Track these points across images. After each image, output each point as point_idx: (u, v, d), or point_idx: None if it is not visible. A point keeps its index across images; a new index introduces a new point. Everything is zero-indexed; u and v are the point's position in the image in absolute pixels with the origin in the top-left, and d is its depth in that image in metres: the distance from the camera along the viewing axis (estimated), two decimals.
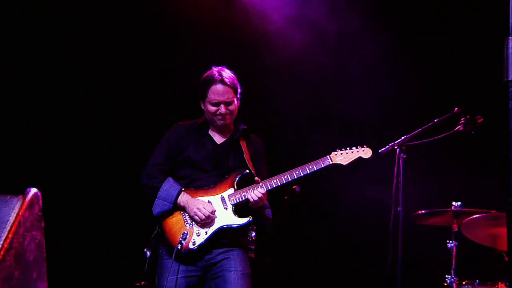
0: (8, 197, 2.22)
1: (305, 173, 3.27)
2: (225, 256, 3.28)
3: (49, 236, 2.27)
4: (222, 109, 3.32)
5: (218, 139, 3.44)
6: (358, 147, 3.32)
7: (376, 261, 4.07)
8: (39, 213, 2.26)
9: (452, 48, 4.68)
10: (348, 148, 3.32)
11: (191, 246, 3.21)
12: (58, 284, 2.71)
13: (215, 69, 3.37)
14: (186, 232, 3.22)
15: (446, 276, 3.77)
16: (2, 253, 2.11)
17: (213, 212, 3.24)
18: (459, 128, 3.54)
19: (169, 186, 3.30)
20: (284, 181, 3.30)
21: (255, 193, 3.25)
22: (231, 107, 3.34)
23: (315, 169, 3.27)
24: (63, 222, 4.59)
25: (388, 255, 3.45)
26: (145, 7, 4.91)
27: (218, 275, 3.25)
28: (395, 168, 3.50)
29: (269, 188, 3.29)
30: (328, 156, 3.31)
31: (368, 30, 4.74)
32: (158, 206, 3.30)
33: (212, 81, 3.32)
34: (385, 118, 4.79)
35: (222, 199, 3.30)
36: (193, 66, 3.95)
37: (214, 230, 3.25)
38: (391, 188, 3.50)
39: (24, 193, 2.21)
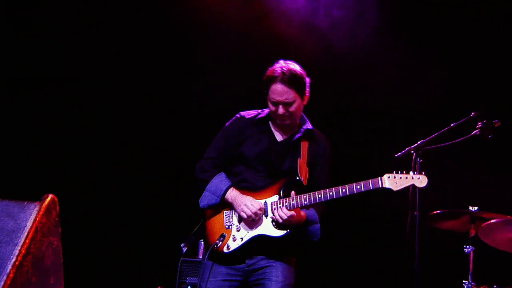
0: (25, 203, 2.25)
1: (351, 192, 3.04)
2: (268, 264, 3.17)
3: (65, 241, 2.31)
4: (281, 109, 3.17)
5: (279, 136, 3.30)
6: (415, 173, 3.10)
7: (394, 266, 4.05)
8: (56, 219, 2.29)
9: (468, 52, 4.65)
10: (403, 172, 3.08)
11: (225, 250, 3.15)
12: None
13: (278, 65, 3.20)
14: (224, 234, 3.16)
15: (464, 281, 3.74)
16: (20, 258, 2.14)
17: (261, 209, 3.12)
18: (476, 132, 3.49)
19: (219, 180, 3.23)
20: (327, 198, 3.08)
21: (279, 213, 3.08)
22: (291, 108, 3.17)
23: (363, 189, 3.03)
24: (80, 228, 4.63)
25: (405, 260, 3.40)
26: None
27: (260, 282, 3.16)
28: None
29: (298, 205, 3.08)
30: (379, 178, 3.06)
31: (386, 34, 4.72)
32: (206, 199, 3.23)
33: (272, 79, 3.16)
34: (402, 122, 4.76)
35: (265, 205, 3.17)
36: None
37: (250, 237, 3.14)
38: (408, 193, 3.46)
39: (41, 199, 2.25)
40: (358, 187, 3.02)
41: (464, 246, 3.79)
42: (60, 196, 2.27)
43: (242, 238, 3.15)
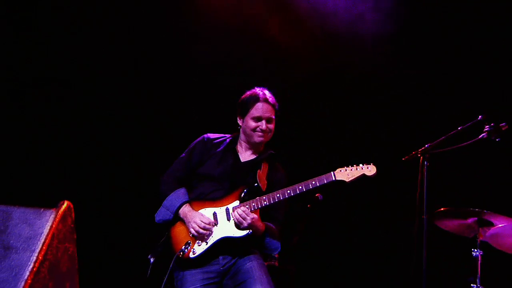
0: (42, 210, 2.31)
1: (307, 188, 3.30)
2: (241, 259, 3.39)
3: (80, 248, 2.36)
4: (263, 125, 3.47)
5: (243, 157, 3.56)
6: (364, 164, 3.31)
7: (401, 270, 4.07)
8: (72, 225, 2.35)
9: (476, 54, 4.68)
10: (353, 165, 3.32)
11: (191, 255, 3.34)
12: None
13: (259, 89, 3.55)
14: (189, 241, 3.35)
15: (472, 285, 3.78)
16: (37, 265, 2.19)
17: (210, 223, 3.35)
18: (483, 135, 3.53)
19: (175, 196, 3.44)
20: (285, 196, 3.33)
21: (238, 212, 3.31)
22: (271, 125, 3.50)
23: (317, 184, 3.29)
24: (95, 234, 4.69)
25: (412, 263, 3.44)
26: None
27: (236, 271, 3.36)
28: (419, 176, 3.50)
29: (259, 206, 3.33)
30: (332, 172, 3.33)
31: (390, 37, 4.77)
32: (160, 214, 3.46)
33: (257, 99, 3.50)
34: (408, 126, 4.80)
35: (227, 210, 3.40)
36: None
37: (214, 241, 3.35)
38: (415, 197, 3.49)
39: (57, 206, 2.30)
40: (313, 182, 3.29)
41: (472, 249, 3.84)
42: (76, 203, 2.33)
43: (207, 242, 3.35)
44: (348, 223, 5.11)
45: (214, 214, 3.40)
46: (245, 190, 3.41)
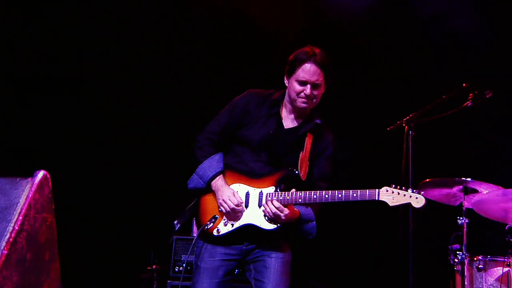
0: (18, 179, 2.27)
1: (347, 199, 3.09)
2: (265, 253, 3.22)
3: (59, 218, 2.33)
4: (308, 90, 3.18)
5: (287, 123, 3.30)
6: (414, 191, 3.08)
7: (388, 243, 4.10)
8: (49, 195, 2.31)
9: (458, 22, 4.69)
10: (402, 189, 3.09)
11: (214, 233, 3.20)
12: (69, 266, 2.75)
13: (311, 48, 3.24)
14: (216, 216, 3.21)
15: (458, 252, 3.83)
16: (13, 235, 2.16)
17: (239, 205, 3.16)
18: (467, 103, 3.54)
19: (209, 164, 3.25)
20: (321, 201, 3.12)
21: (270, 206, 3.11)
22: (317, 91, 3.21)
23: (358, 199, 3.09)
24: (73, 205, 4.59)
25: (399, 235, 3.41)
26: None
27: (259, 259, 3.22)
28: (404, 146, 3.46)
29: (293, 202, 3.12)
30: (377, 190, 3.11)
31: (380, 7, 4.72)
32: (193, 181, 3.29)
33: (306, 58, 3.18)
34: (393, 95, 4.81)
35: (260, 195, 3.19)
36: None
37: (240, 225, 3.18)
38: (400, 167, 3.50)
39: (33, 175, 2.26)
40: (355, 195, 3.08)
41: (458, 217, 3.89)
42: (52, 172, 2.29)
43: (232, 224, 3.19)
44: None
45: (247, 195, 3.20)
46: (282, 177, 3.17)
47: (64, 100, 4.81)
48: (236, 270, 3.31)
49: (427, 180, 3.94)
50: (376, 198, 3.08)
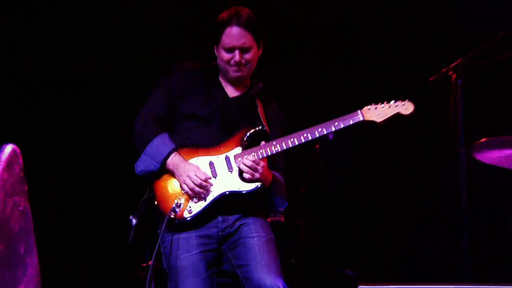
0: None
1: (329, 131, 2.82)
2: (243, 222, 2.89)
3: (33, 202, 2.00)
4: (237, 56, 2.91)
5: (231, 91, 3.04)
6: (398, 100, 2.83)
7: (436, 216, 3.68)
8: (21, 174, 1.96)
9: None
10: (384, 103, 2.84)
11: (186, 215, 2.82)
12: (49, 261, 2.41)
13: (232, 9, 2.96)
14: (180, 198, 2.84)
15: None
16: None
17: (206, 179, 2.84)
18: None
19: (162, 141, 2.90)
20: (301, 141, 2.84)
21: (245, 162, 2.82)
22: (247, 56, 2.93)
23: (342, 126, 2.81)
24: (48, 185, 4.30)
25: (450, 205, 3.04)
26: None
27: (238, 243, 2.87)
28: (451, 99, 3.03)
29: (269, 153, 2.84)
30: (359, 111, 2.84)
31: None
32: (143, 163, 2.90)
33: (227, 21, 2.91)
34: (433, 42, 4.26)
35: (227, 159, 2.89)
36: None
37: (214, 196, 2.85)
38: (447, 124, 3.03)
39: None
40: (337, 124, 2.82)
41: None
42: (23, 147, 1.96)
43: (205, 199, 2.85)
44: (366, 165, 4.63)
45: (211, 164, 2.88)
46: (248, 134, 2.91)
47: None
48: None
49: (483, 140, 3.41)
50: (361, 119, 2.83)
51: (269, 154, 2.85)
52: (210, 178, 2.86)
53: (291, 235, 4.14)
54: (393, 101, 2.83)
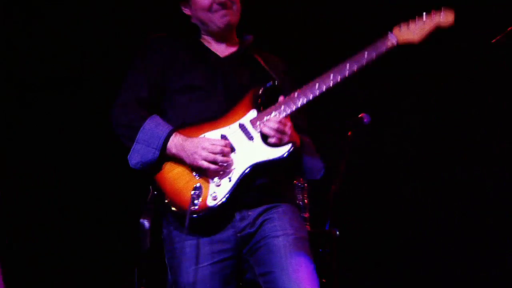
0: None
1: (361, 64, 2.28)
2: (266, 217, 2.34)
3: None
4: None
5: (221, 51, 2.54)
6: (432, 13, 2.34)
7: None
8: None
9: None
10: (415, 18, 2.35)
11: (210, 203, 2.26)
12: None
13: None
14: (198, 185, 2.28)
15: None
16: None
17: (227, 145, 2.31)
18: None
19: (153, 124, 2.38)
20: (329, 85, 2.30)
21: (269, 125, 2.31)
22: None
23: (374, 56, 2.29)
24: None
25: None
26: None
27: (259, 245, 2.31)
28: None
29: (293, 108, 2.33)
30: (389, 33, 2.33)
31: None
32: (137, 153, 2.37)
33: None
34: None
35: (242, 127, 2.36)
36: None
37: (242, 172, 2.29)
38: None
39: None
40: (367, 54, 2.29)
41: None
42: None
43: (230, 178, 2.29)
44: (413, 157, 4.01)
45: (224, 138, 2.35)
46: (259, 93, 2.39)
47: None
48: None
49: None
50: (395, 43, 2.32)
51: (294, 109, 2.33)
52: (229, 146, 2.33)
53: (320, 248, 3.43)
54: (424, 14, 2.34)
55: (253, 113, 2.38)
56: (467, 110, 4.05)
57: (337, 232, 3.28)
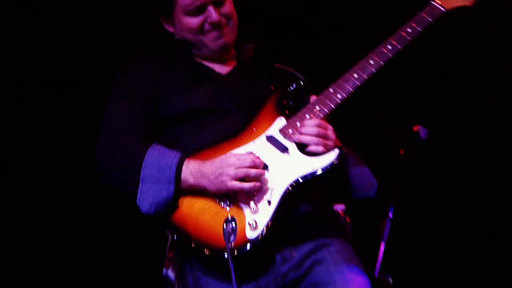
0: None
1: (404, 43, 1.93)
2: (317, 257, 1.93)
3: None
4: (213, 14, 2.06)
5: (219, 68, 2.17)
6: None
7: None
8: None
9: None
10: None
11: (251, 234, 1.83)
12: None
13: None
14: (230, 217, 1.82)
15: None
16: None
17: (258, 158, 1.92)
18: None
19: (158, 155, 1.96)
20: (371, 72, 1.94)
21: (306, 130, 1.93)
22: (225, 8, 2.10)
23: (419, 30, 1.93)
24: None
25: None
26: None
27: (303, 268, 1.93)
28: None
29: (332, 106, 1.94)
30: (431, 2, 1.99)
31: None
32: (147, 195, 1.93)
33: None
34: None
35: (271, 139, 1.96)
36: None
37: (283, 190, 1.86)
38: None
39: None
40: (409, 30, 1.93)
41: None
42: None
43: (269, 201, 1.88)
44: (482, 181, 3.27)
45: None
46: (284, 96, 2.04)
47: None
48: None
49: None
50: (444, 9, 1.97)
51: (333, 107, 1.96)
52: (260, 162, 1.91)
53: None
54: None
55: (281, 121, 2.02)
56: None
57: (390, 280, 2.44)
